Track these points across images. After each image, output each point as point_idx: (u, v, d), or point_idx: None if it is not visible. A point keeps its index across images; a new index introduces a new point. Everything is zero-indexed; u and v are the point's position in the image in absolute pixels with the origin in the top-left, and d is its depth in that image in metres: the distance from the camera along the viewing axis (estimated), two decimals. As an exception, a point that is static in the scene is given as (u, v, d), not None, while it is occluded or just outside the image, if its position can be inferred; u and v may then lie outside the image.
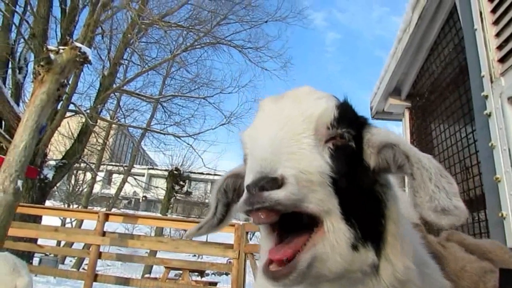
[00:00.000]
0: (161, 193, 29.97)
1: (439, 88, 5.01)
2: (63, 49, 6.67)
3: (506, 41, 3.15)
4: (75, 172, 29.06)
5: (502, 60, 3.18)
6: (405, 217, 1.20)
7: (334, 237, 1.02)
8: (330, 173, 1.05)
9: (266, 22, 22.35)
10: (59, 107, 14.66)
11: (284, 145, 1.07)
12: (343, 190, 1.05)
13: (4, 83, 14.02)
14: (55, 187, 20.75)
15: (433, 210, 1.00)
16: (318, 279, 1.06)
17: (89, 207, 27.56)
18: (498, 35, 3.25)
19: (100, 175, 34.09)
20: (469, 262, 1.41)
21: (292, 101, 1.19)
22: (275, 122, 1.14)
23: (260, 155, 1.04)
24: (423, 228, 1.39)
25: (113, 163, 38.61)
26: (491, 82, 3.21)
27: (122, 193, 32.06)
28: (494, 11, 3.32)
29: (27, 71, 15.50)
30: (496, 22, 3.29)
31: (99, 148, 26.21)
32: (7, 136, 12.02)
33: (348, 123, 1.14)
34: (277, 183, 0.97)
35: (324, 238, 1.02)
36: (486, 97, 3.25)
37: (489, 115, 3.19)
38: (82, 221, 23.54)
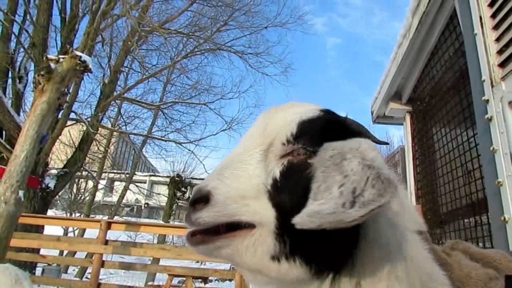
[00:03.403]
0: (163, 200, 29.93)
1: (440, 92, 5.01)
2: (63, 58, 6.67)
3: (506, 46, 3.16)
4: (76, 180, 29.09)
5: (502, 64, 3.19)
6: (404, 231, 1.13)
7: (254, 243, 1.04)
8: (270, 188, 1.05)
9: (266, 28, 22.39)
10: (60, 116, 14.67)
11: (234, 160, 1.11)
12: (286, 206, 1.02)
13: (4, 93, 14.04)
14: (57, 196, 20.76)
15: (307, 214, 0.93)
16: (237, 265, 1.12)
17: (91, 215, 27.57)
18: (498, 39, 3.26)
19: (102, 183, 34.05)
20: (474, 269, 1.40)
21: (265, 117, 1.21)
22: (244, 136, 1.19)
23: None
24: (429, 236, 1.37)
25: (115, 171, 38.62)
26: (492, 86, 3.22)
27: (124, 201, 31.97)
28: (494, 16, 3.33)
29: (27, 80, 15.51)
30: (496, 27, 3.30)
31: (100, 156, 26.21)
32: (7, 146, 12.04)
33: (308, 139, 1.10)
34: (203, 198, 1.03)
35: (245, 238, 1.04)
36: (487, 101, 3.26)
37: (490, 119, 3.20)
38: (84, 229, 23.50)
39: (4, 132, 13.39)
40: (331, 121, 1.18)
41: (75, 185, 29.93)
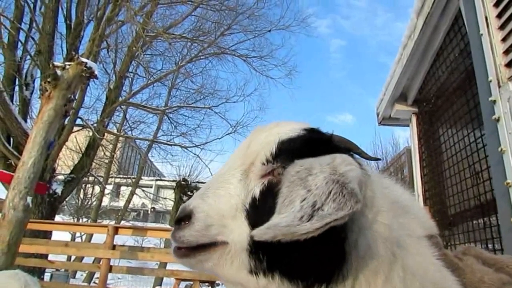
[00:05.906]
0: (169, 204, 29.92)
1: (446, 93, 4.99)
2: (69, 64, 6.69)
3: (512, 46, 3.14)
4: (83, 186, 29.16)
5: (509, 64, 3.17)
6: (402, 240, 1.13)
7: (231, 258, 1.09)
8: (248, 207, 1.10)
9: (269, 31, 22.32)
10: (66, 122, 14.71)
11: (217, 180, 1.20)
12: (259, 224, 1.01)
13: (12, 100, 14.10)
14: (64, 202, 20.82)
15: (265, 226, 0.96)
16: (220, 277, 1.18)
17: (98, 220, 27.64)
18: (504, 39, 3.24)
19: (109, 188, 34.14)
20: (487, 273, 1.38)
21: (250, 137, 1.26)
22: (231, 156, 1.27)
23: None
24: (440, 240, 1.36)
25: (121, 176, 38.67)
26: (499, 87, 3.20)
27: (130, 205, 32.03)
28: (499, 16, 3.31)
29: (34, 87, 15.60)
30: (502, 27, 3.28)
31: (106, 161, 26.30)
32: (15, 152, 12.13)
33: (286, 159, 1.13)
34: (186, 217, 1.11)
35: (223, 254, 1.10)
36: (494, 102, 3.23)
37: (498, 120, 3.18)
38: (91, 235, 23.55)
39: (11, 139, 13.46)
40: (312, 139, 1.19)
41: (82, 190, 30.00)
